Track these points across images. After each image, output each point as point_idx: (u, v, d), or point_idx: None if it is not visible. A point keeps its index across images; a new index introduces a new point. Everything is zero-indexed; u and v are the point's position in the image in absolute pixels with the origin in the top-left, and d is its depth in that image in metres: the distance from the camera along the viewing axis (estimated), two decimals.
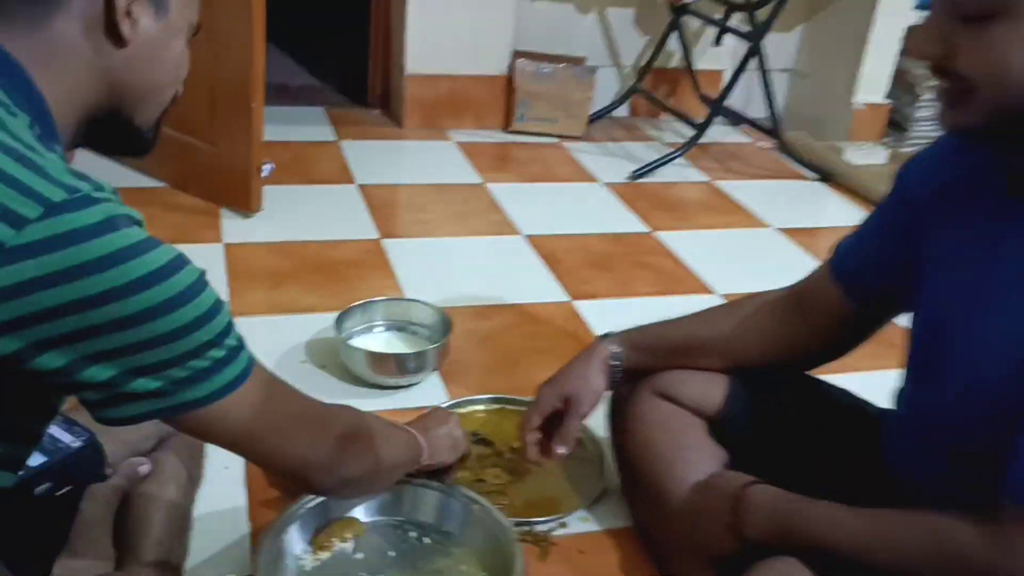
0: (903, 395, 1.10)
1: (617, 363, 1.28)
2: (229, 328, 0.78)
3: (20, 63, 0.75)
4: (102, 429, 1.04)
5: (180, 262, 0.73)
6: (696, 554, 1.11)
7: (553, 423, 1.29)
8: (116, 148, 0.92)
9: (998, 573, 0.84)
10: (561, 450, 1.28)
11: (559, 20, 2.97)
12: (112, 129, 0.86)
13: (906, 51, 0.98)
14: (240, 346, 0.80)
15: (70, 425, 1.06)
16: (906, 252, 1.08)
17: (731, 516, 1.05)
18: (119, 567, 1.03)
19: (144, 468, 1.11)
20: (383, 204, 2.31)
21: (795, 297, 1.23)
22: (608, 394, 1.32)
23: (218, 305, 0.77)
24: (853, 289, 1.15)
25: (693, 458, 1.20)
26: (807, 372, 1.28)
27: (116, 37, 0.80)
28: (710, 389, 1.25)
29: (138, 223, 0.72)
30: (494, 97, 2.87)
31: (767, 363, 1.24)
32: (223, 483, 1.29)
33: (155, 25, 0.83)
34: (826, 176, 2.71)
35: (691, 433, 1.23)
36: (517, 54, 2.85)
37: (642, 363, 1.28)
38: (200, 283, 0.75)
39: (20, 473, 0.83)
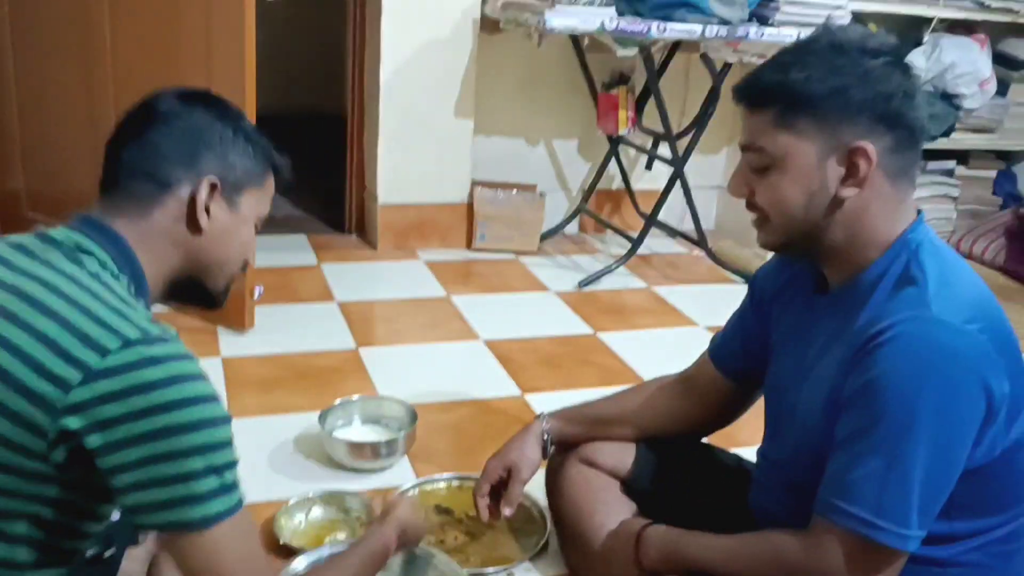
0: (761, 450, 1.41)
1: (548, 436, 1.59)
2: (232, 465, 0.95)
3: (127, 241, 1.04)
4: None
5: (214, 397, 0.94)
6: None
7: (499, 490, 1.59)
8: (193, 304, 1.18)
9: (810, 568, 1.14)
10: (507, 511, 1.56)
11: (511, 152, 3.36)
12: (190, 290, 1.13)
13: (728, 189, 1.33)
14: (235, 485, 0.96)
15: None
16: (760, 338, 1.41)
17: (633, 552, 1.34)
18: None
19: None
20: (360, 318, 2.63)
21: (685, 379, 1.56)
22: (544, 464, 1.62)
23: (230, 443, 0.95)
24: (726, 370, 1.48)
25: (609, 511, 1.48)
26: (702, 439, 1.60)
27: (195, 226, 1.08)
28: (623, 456, 1.55)
29: (190, 358, 0.95)
30: (457, 221, 3.23)
31: (666, 432, 1.55)
32: None
33: (228, 217, 1.11)
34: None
35: (608, 491, 1.52)
36: (475, 183, 3.23)
37: (569, 435, 1.59)
38: (225, 419, 0.95)
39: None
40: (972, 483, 1.13)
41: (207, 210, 1.08)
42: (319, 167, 3.66)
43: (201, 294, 1.16)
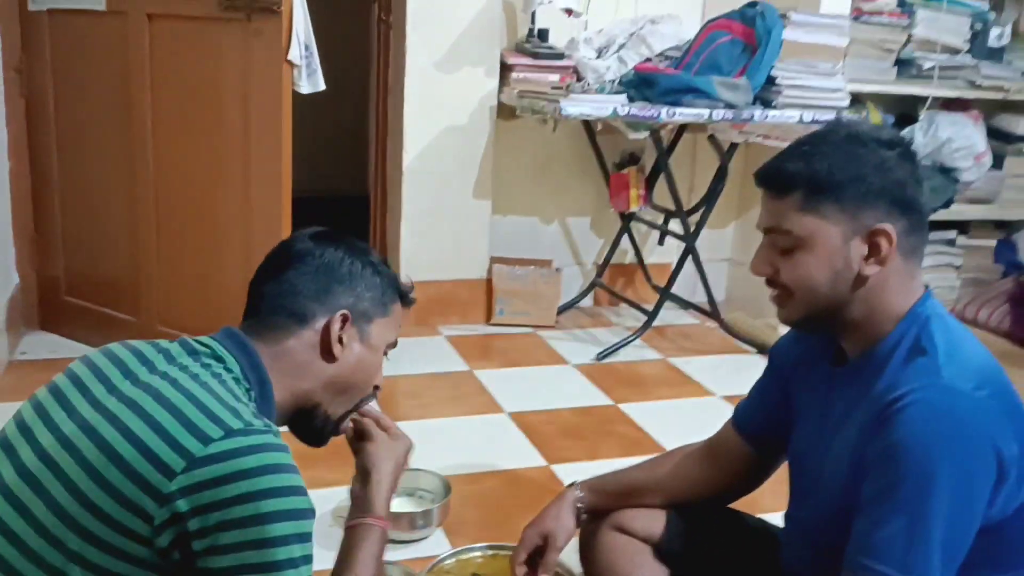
0: (788, 513, 1.49)
1: (581, 505, 1.66)
2: (308, 560, 1.00)
3: (260, 357, 1.14)
4: None
5: (303, 490, 1.00)
6: None
7: (535, 558, 1.65)
8: (304, 432, 1.25)
9: None
10: None
11: (527, 230, 3.49)
12: (308, 416, 1.21)
13: (751, 268, 1.44)
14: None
15: None
16: (782, 407, 1.50)
17: None
18: None
19: None
20: (386, 394, 2.68)
21: (710, 447, 1.64)
22: (577, 532, 1.69)
23: (310, 537, 1.00)
24: (749, 438, 1.56)
25: (643, 575, 1.56)
26: (729, 505, 1.67)
27: (329, 355, 1.18)
28: (654, 522, 1.62)
29: (286, 450, 1.01)
30: (476, 297, 3.34)
31: (693, 499, 1.62)
32: None
33: (359, 346, 1.20)
34: (763, 349, 3.14)
35: (641, 555, 1.59)
36: (494, 260, 3.35)
37: (600, 504, 1.66)
38: (311, 512, 1.00)
39: None
40: (988, 540, 1.20)
41: (340, 340, 1.18)
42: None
43: (317, 422, 1.24)
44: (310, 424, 1.24)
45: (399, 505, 2.02)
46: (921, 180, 1.25)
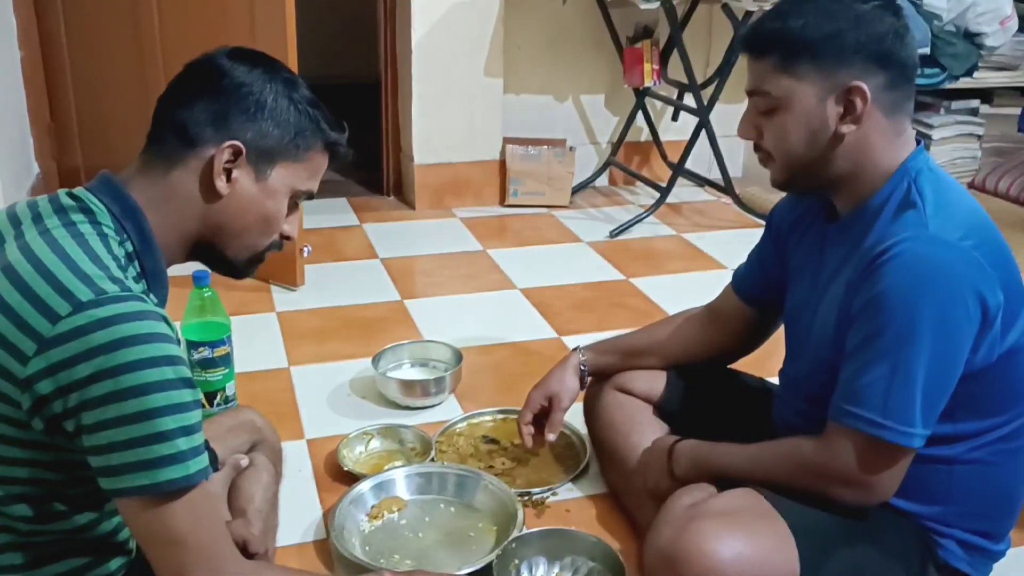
0: (782, 370, 1.53)
1: (585, 368, 1.72)
2: (186, 432, 0.91)
3: (136, 201, 1.02)
4: (212, 437, 1.26)
5: (166, 358, 0.90)
6: (648, 497, 1.52)
7: (541, 419, 1.72)
8: (217, 270, 1.15)
9: (825, 467, 1.25)
10: (550, 437, 1.69)
11: (541, 109, 3.46)
12: (210, 255, 1.10)
13: (737, 132, 1.44)
14: (191, 452, 0.92)
15: None
16: (779, 269, 1.52)
17: (666, 463, 1.48)
18: None
19: (244, 462, 1.45)
20: (403, 272, 2.78)
21: (710, 310, 1.68)
22: (581, 394, 1.75)
23: (190, 405, 0.92)
24: (749, 299, 1.60)
25: (644, 431, 1.62)
26: (729, 365, 1.71)
27: (212, 190, 1.04)
28: (654, 382, 1.68)
29: (143, 317, 0.90)
30: (490, 178, 3.35)
31: (694, 360, 1.67)
32: (298, 478, 1.73)
33: (252, 187, 1.05)
34: None
35: (642, 413, 1.65)
36: (507, 140, 3.34)
37: (603, 366, 1.72)
38: (180, 381, 0.91)
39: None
40: (973, 386, 1.23)
41: (228, 175, 1.05)
42: (356, 132, 3.73)
43: (221, 262, 1.12)
44: (216, 264, 1.13)
45: (413, 374, 2.10)
46: (903, 32, 1.23)
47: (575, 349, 1.75)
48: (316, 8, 4.37)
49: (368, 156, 3.57)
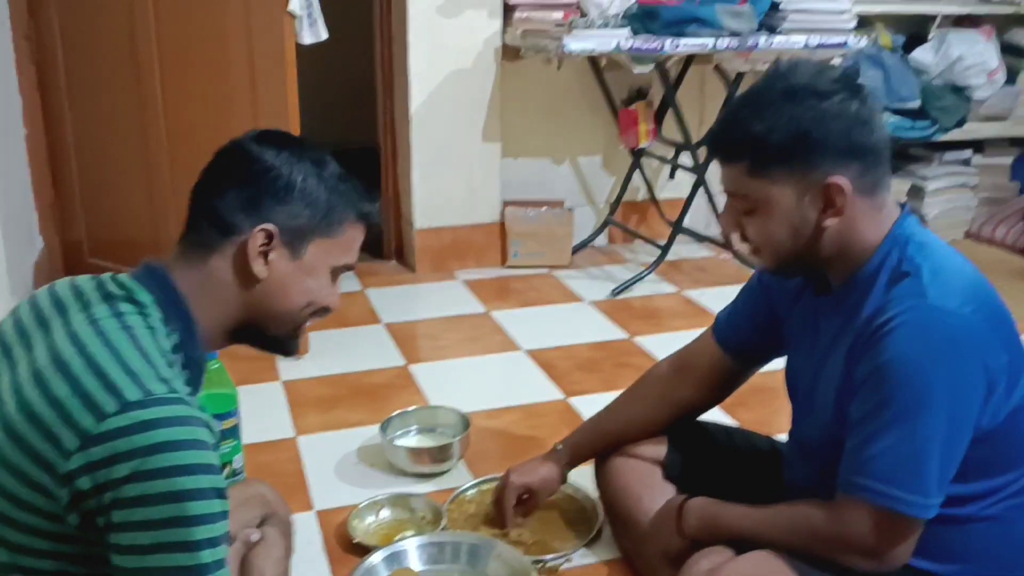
0: (790, 432, 1.53)
1: (567, 469, 1.73)
2: (212, 543, 0.91)
3: (181, 290, 1.04)
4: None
5: (204, 467, 0.91)
6: (661, 560, 1.51)
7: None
8: (264, 350, 1.15)
9: (838, 537, 1.24)
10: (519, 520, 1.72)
11: (539, 171, 3.50)
12: (254, 336, 1.12)
13: (721, 229, 1.44)
14: (214, 565, 0.92)
15: None
16: (768, 321, 1.52)
17: (676, 522, 1.47)
18: None
19: (255, 536, 1.42)
20: (406, 337, 2.78)
21: (680, 363, 1.68)
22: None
23: (212, 518, 0.91)
24: (729, 347, 1.59)
25: (655, 495, 1.61)
26: (719, 422, 1.72)
27: (250, 275, 1.05)
28: (660, 447, 1.67)
29: (187, 422, 0.91)
30: (491, 240, 3.38)
31: (669, 422, 1.66)
32: (309, 551, 1.72)
33: (289, 266, 1.07)
34: None
35: (652, 477, 1.65)
36: (506, 203, 3.37)
37: (588, 456, 1.73)
38: (213, 491, 0.91)
39: None
40: (983, 448, 1.24)
41: (265, 258, 1.06)
42: None
43: (267, 341, 1.14)
44: (259, 344, 1.14)
45: (421, 441, 2.09)
46: (868, 118, 1.23)
47: (555, 448, 1.75)
48: (317, 75, 4.44)
49: None
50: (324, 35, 2.45)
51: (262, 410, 2.28)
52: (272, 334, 1.13)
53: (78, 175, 2.92)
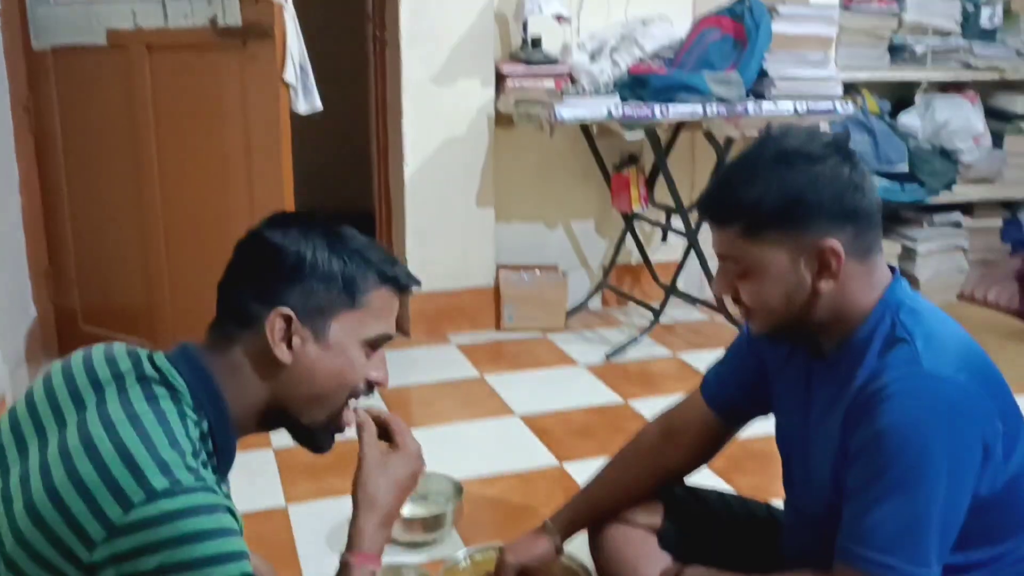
0: (786, 499, 1.51)
1: (558, 544, 1.68)
2: None
3: (214, 376, 1.03)
4: None
5: (230, 555, 0.90)
6: None
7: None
8: (295, 440, 1.11)
9: None
10: None
11: (532, 236, 3.53)
12: (286, 423, 1.09)
13: (713, 291, 1.43)
14: None
15: None
16: (757, 380, 1.50)
17: None
18: None
19: None
20: (400, 402, 2.76)
21: (667, 425, 1.66)
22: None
23: None
24: (718, 406, 1.57)
25: (650, 563, 1.58)
26: (715, 488, 1.69)
27: (275, 361, 1.02)
28: (653, 515, 1.64)
29: (212, 511, 0.90)
30: (485, 305, 3.38)
31: (660, 486, 1.64)
32: None
33: (315, 347, 1.03)
34: None
35: (647, 545, 1.61)
36: (500, 267, 3.39)
37: (580, 528, 1.69)
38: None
39: None
40: (982, 516, 1.22)
41: (289, 343, 1.03)
42: None
43: (298, 430, 1.10)
44: (292, 432, 1.12)
45: (411, 509, 2.06)
46: (861, 182, 1.24)
47: (545, 525, 1.71)
48: (313, 142, 4.51)
49: None
50: (319, 105, 2.50)
51: (252, 478, 2.25)
52: (306, 422, 1.09)
53: (73, 243, 2.93)
